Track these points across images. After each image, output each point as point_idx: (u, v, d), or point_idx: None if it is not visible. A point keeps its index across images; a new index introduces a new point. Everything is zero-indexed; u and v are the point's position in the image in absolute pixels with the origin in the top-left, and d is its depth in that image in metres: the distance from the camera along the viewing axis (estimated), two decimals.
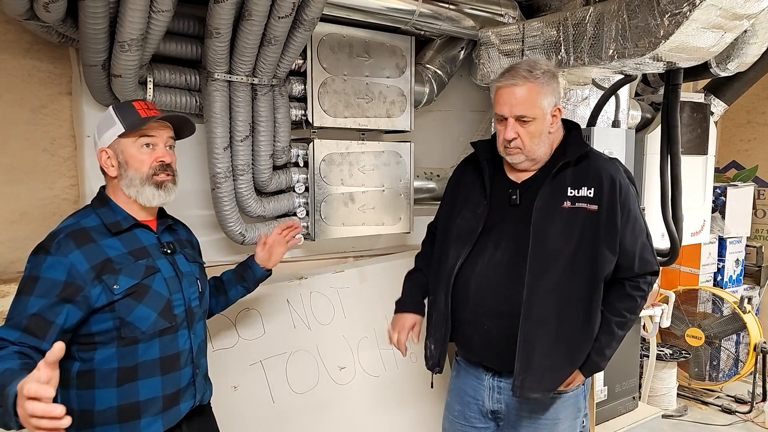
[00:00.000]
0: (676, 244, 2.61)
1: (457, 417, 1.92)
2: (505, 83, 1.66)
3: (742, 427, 3.73)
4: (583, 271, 1.66)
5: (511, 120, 1.66)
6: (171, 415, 1.50)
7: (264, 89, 2.27)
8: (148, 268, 1.47)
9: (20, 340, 1.28)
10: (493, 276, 1.71)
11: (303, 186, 2.52)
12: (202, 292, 1.63)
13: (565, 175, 1.69)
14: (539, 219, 1.66)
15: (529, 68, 1.66)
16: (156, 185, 1.49)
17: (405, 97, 2.75)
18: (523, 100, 1.64)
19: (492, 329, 1.71)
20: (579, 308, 1.67)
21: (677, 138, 2.53)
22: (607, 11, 2.20)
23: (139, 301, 1.42)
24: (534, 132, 1.67)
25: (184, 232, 1.73)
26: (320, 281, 2.66)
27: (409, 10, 2.51)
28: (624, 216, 1.67)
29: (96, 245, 1.42)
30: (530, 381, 1.66)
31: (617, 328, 1.72)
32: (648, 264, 1.73)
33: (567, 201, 1.67)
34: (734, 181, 4.73)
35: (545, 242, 1.65)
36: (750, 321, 3.86)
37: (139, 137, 1.48)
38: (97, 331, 1.40)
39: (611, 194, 1.66)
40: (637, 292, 1.73)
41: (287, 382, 2.47)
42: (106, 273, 1.39)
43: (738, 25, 2.06)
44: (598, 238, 1.65)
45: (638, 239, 1.71)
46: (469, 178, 1.86)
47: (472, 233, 1.75)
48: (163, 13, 1.85)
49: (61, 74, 2.23)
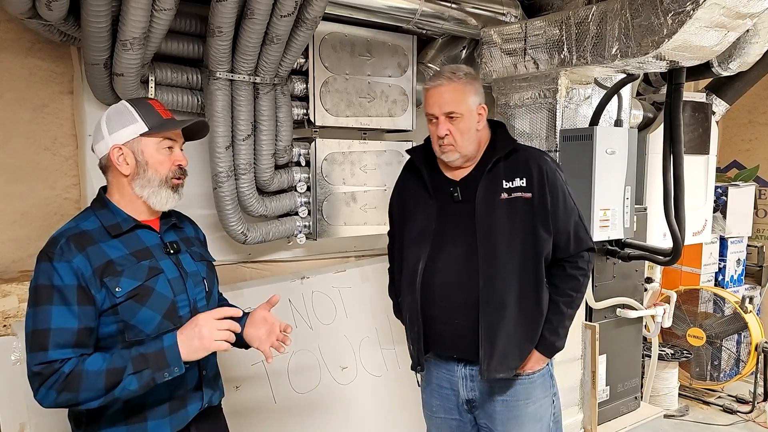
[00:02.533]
0: (678, 243, 2.60)
1: (436, 411, 1.98)
2: (432, 84, 1.79)
3: (743, 426, 3.73)
4: (528, 254, 1.78)
5: (442, 118, 1.77)
6: (179, 418, 1.47)
7: (266, 88, 2.26)
8: (151, 270, 1.43)
9: (77, 354, 1.33)
10: (454, 270, 1.79)
11: (305, 185, 2.52)
12: (210, 292, 1.58)
13: (498, 169, 1.81)
14: (482, 212, 1.77)
15: (452, 71, 1.78)
16: (172, 188, 1.49)
17: (407, 97, 2.74)
18: (450, 98, 1.76)
19: (462, 321, 1.79)
20: (530, 289, 1.79)
21: (680, 137, 2.52)
22: (610, 10, 2.20)
23: (142, 303, 1.39)
24: (463, 129, 1.78)
25: (191, 229, 1.68)
26: (322, 281, 2.65)
27: (412, 9, 2.51)
28: (554, 198, 1.79)
29: (97, 247, 1.39)
30: (495, 363, 1.76)
31: (566, 308, 1.84)
32: (582, 242, 1.85)
33: (504, 193, 1.78)
34: (735, 180, 4.73)
35: (491, 232, 1.76)
36: (751, 321, 3.86)
37: (163, 139, 1.47)
38: (101, 336, 1.38)
39: (540, 179, 1.79)
40: (578, 271, 1.85)
41: (289, 382, 2.47)
42: (107, 276, 1.37)
43: (741, 24, 2.06)
44: (534, 221, 1.78)
45: (570, 218, 1.83)
46: (412, 185, 1.95)
47: (426, 232, 1.84)
48: (165, 11, 1.84)
49: (63, 73, 2.22)
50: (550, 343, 1.83)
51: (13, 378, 1.87)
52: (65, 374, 1.29)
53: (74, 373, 1.30)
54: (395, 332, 2.78)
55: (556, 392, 1.96)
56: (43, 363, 1.30)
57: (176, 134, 1.50)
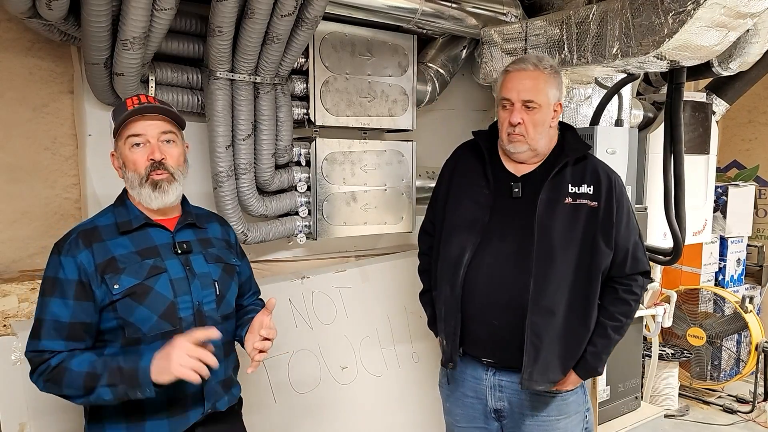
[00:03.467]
0: (679, 242, 2.60)
1: (459, 421, 1.91)
2: (515, 68, 1.72)
3: (743, 426, 3.73)
4: (584, 264, 1.71)
5: (518, 105, 1.70)
6: (178, 422, 1.44)
7: (266, 88, 2.26)
8: (152, 268, 1.42)
9: (67, 348, 1.37)
10: (503, 268, 1.72)
11: (305, 185, 2.51)
12: (222, 296, 1.52)
13: (565, 173, 1.74)
14: (543, 212, 1.70)
15: (539, 59, 1.72)
16: (152, 186, 1.42)
17: (407, 96, 2.74)
18: (532, 86, 1.69)
19: (502, 323, 1.72)
20: (580, 301, 1.72)
21: (680, 137, 2.52)
22: (610, 9, 2.20)
23: (139, 302, 1.39)
24: (538, 121, 1.71)
25: (218, 230, 1.63)
26: (322, 281, 2.65)
27: (412, 8, 2.50)
28: (619, 212, 1.73)
29: (103, 244, 1.41)
30: (537, 373, 1.68)
31: (613, 332, 1.75)
32: (640, 263, 1.78)
33: (569, 197, 1.72)
34: (735, 180, 4.73)
35: (550, 235, 1.69)
36: (751, 320, 3.86)
37: (126, 137, 1.42)
38: (104, 329, 1.41)
39: (609, 191, 1.73)
40: (630, 296, 1.77)
41: (289, 382, 2.46)
42: (108, 273, 1.38)
43: (742, 23, 2.06)
44: (596, 232, 1.71)
45: (631, 236, 1.76)
46: (467, 168, 1.86)
47: (476, 222, 1.76)
48: (166, 11, 1.84)
49: (63, 73, 2.22)
50: (591, 367, 1.75)
51: (13, 378, 1.86)
52: (51, 367, 1.35)
53: (59, 368, 1.34)
54: (395, 332, 2.78)
55: (589, 407, 1.89)
56: (35, 351, 1.37)
57: (144, 128, 1.42)
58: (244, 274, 1.71)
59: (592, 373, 1.77)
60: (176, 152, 1.47)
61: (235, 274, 1.60)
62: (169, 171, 1.44)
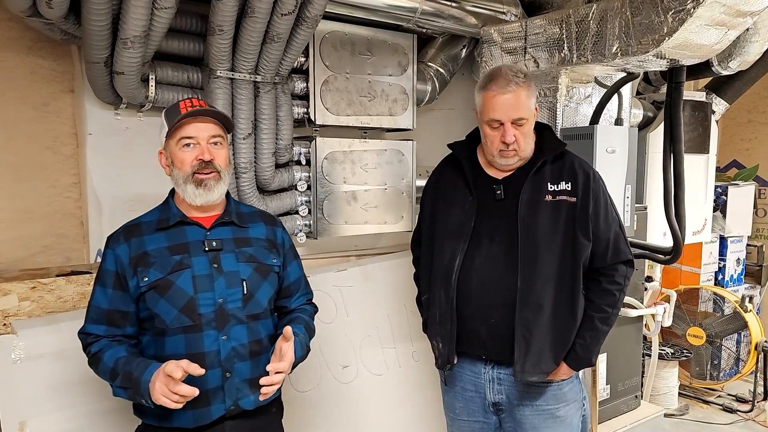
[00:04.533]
0: (678, 242, 2.59)
1: (459, 414, 1.95)
2: (500, 91, 1.73)
3: (743, 425, 3.73)
4: (567, 258, 1.77)
5: (508, 124, 1.74)
6: (201, 414, 1.48)
7: (266, 87, 2.27)
8: (177, 264, 1.49)
9: (108, 333, 1.52)
10: (493, 268, 1.78)
11: (305, 184, 2.52)
12: (250, 295, 1.54)
13: (544, 172, 1.80)
14: (525, 212, 1.76)
15: (514, 74, 1.74)
16: (196, 183, 1.50)
17: (407, 96, 2.74)
18: (518, 104, 1.73)
19: (499, 320, 1.77)
20: (566, 293, 1.78)
21: (680, 136, 2.52)
22: (610, 8, 2.20)
23: (161, 295, 1.48)
24: (527, 132, 1.78)
25: (263, 230, 1.65)
26: (322, 280, 2.65)
27: (412, 7, 2.51)
28: (596, 205, 1.78)
29: (140, 239, 1.52)
30: (529, 365, 1.74)
31: (600, 324, 1.81)
32: (621, 253, 1.82)
33: (548, 195, 1.77)
34: (735, 180, 4.73)
35: (533, 233, 1.75)
36: (751, 320, 3.86)
37: (179, 137, 1.51)
38: (142, 318, 1.53)
39: (585, 185, 1.78)
40: (614, 286, 1.82)
41: (290, 381, 2.46)
42: (141, 266, 1.49)
43: (741, 22, 2.06)
44: (575, 226, 1.77)
45: (611, 228, 1.81)
46: (450, 178, 1.92)
47: (463, 227, 1.82)
48: (166, 10, 1.85)
49: (64, 72, 2.23)
50: (583, 358, 1.80)
51: (14, 377, 1.86)
52: (91, 353, 1.51)
53: (96, 356, 1.50)
54: (396, 331, 2.78)
55: (585, 396, 1.94)
56: (82, 333, 1.54)
57: (195, 129, 1.51)
58: (292, 275, 1.72)
59: (581, 363, 1.82)
60: (223, 154, 1.57)
61: (271, 274, 1.62)
62: (217, 170, 1.53)
